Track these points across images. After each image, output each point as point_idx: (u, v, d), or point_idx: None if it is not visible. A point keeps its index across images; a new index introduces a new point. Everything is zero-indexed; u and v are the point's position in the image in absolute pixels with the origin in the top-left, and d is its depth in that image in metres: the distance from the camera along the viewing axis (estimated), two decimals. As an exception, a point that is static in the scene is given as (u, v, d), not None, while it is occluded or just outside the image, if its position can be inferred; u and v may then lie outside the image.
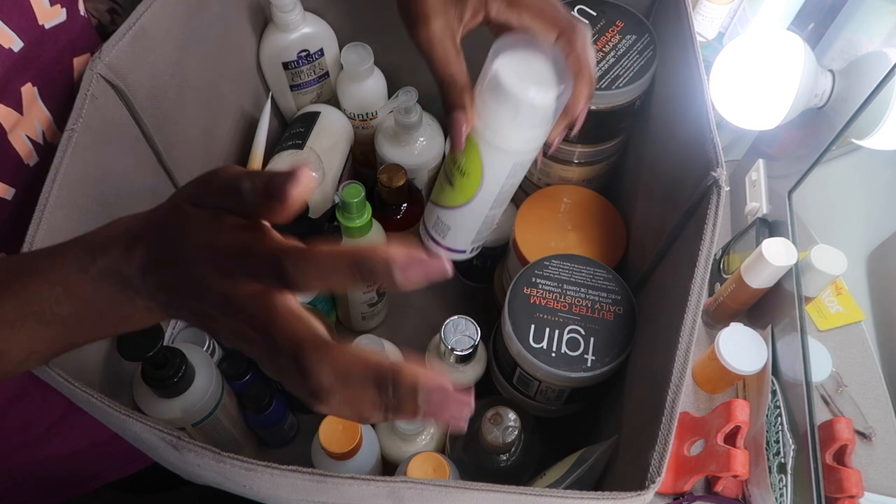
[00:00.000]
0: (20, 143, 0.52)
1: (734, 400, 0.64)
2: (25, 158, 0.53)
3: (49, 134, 0.54)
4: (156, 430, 0.40)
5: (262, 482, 0.41)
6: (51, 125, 0.54)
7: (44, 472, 0.68)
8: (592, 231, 0.73)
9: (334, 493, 0.41)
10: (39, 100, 0.53)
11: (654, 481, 0.39)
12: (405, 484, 0.39)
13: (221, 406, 0.62)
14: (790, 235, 0.72)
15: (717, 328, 0.75)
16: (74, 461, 0.70)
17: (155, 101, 0.59)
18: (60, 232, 0.47)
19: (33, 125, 0.53)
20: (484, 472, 0.61)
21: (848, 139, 0.68)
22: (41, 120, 0.53)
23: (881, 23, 0.65)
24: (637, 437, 0.48)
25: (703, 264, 0.46)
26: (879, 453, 0.65)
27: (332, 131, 0.78)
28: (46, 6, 0.50)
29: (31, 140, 0.53)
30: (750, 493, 0.66)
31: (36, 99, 0.52)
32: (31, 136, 0.53)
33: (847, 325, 0.72)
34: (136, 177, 0.59)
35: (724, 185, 0.47)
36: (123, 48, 0.53)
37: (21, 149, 0.52)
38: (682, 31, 0.59)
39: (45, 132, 0.54)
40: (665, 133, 0.64)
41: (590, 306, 0.61)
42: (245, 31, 0.74)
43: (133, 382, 0.58)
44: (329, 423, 0.56)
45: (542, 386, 0.61)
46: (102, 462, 0.73)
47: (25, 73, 0.50)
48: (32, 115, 0.52)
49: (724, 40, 0.94)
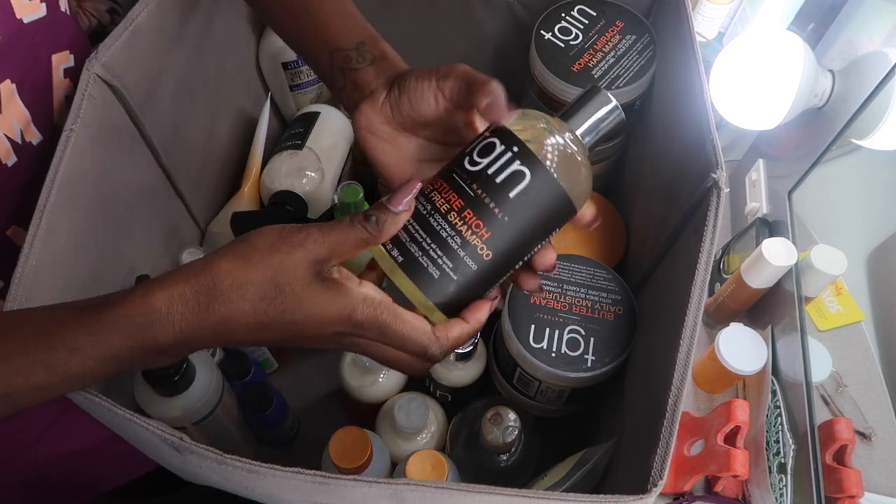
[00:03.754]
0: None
1: (734, 400, 0.64)
2: (3, 158, 0.52)
3: (27, 133, 0.54)
4: (157, 432, 0.40)
5: (265, 484, 0.41)
6: (29, 124, 0.54)
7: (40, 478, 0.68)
8: (592, 231, 0.72)
9: (336, 494, 0.41)
10: (17, 97, 0.52)
11: (656, 484, 0.39)
12: (407, 486, 0.39)
13: (222, 405, 0.62)
14: (790, 235, 0.72)
15: (717, 328, 0.75)
16: (70, 465, 0.69)
17: (153, 101, 0.58)
18: (60, 232, 0.47)
19: (11, 123, 0.52)
20: (484, 471, 0.61)
21: (848, 139, 0.68)
22: (19, 118, 0.52)
23: (881, 23, 0.65)
24: (638, 438, 0.48)
25: (704, 265, 0.46)
26: (879, 453, 0.65)
27: (331, 131, 0.78)
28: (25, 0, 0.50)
29: (9, 139, 0.52)
30: (750, 493, 0.66)
31: (14, 96, 0.51)
32: (9, 134, 0.52)
33: (847, 325, 0.72)
34: (135, 177, 0.59)
35: (724, 186, 0.47)
36: (120, 48, 0.53)
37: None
38: (682, 31, 0.59)
39: (23, 131, 0.53)
40: (665, 133, 0.64)
41: (590, 306, 0.61)
42: (244, 31, 0.74)
43: (134, 381, 0.58)
44: (338, 438, 0.56)
45: (543, 386, 0.61)
46: (98, 468, 0.72)
47: (2, 69, 0.49)
48: (10, 113, 0.51)
49: (724, 40, 0.94)
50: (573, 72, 0.65)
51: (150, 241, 0.63)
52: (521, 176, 0.39)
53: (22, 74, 0.51)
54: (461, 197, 0.39)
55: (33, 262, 0.44)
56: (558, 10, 0.69)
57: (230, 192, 0.77)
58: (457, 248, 0.39)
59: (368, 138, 0.47)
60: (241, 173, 0.77)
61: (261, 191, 0.75)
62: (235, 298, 0.35)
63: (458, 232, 0.38)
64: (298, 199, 0.70)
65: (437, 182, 0.40)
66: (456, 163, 0.41)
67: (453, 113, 0.44)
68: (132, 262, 0.59)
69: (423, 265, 0.38)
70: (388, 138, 0.46)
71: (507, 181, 0.39)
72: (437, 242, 0.38)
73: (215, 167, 0.74)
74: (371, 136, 0.46)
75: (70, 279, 0.49)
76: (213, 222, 0.75)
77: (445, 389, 0.68)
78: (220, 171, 0.75)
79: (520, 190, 0.39)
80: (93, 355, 0.35)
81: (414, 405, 0.62)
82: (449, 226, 0.38)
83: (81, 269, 0.50)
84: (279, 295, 0.36)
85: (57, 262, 0.47)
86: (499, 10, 0.74)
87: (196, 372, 0.58)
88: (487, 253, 0.39)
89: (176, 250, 0.67)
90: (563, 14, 0.69)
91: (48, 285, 0.45)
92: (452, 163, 0.41)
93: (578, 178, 0.40)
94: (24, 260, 0.44)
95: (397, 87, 0.45)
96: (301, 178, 0.73)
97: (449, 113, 0.44)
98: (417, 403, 0.62)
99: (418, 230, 0.39)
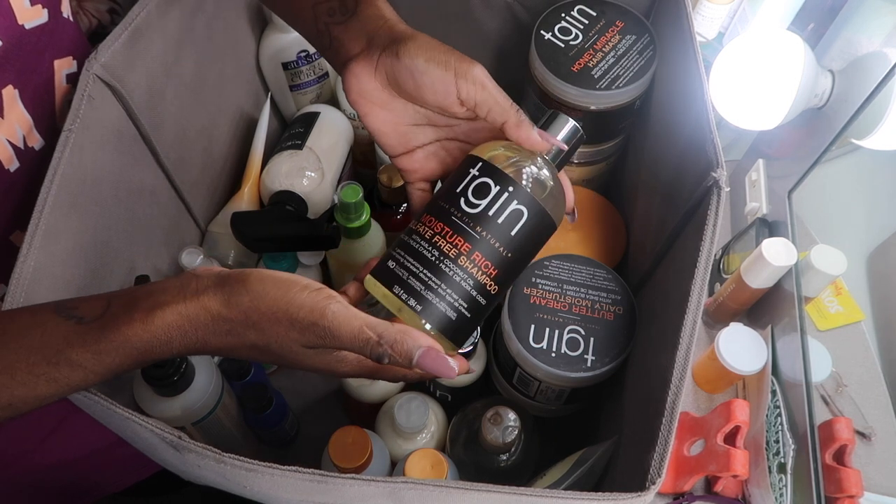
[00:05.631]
0: (1, 148, 0.51)
1: (734, 400, 0.64)
2: (6, 163, 0.52)
3: (30, 138, 0.54)
4: (156, 431, 0.40)
5: (263, 482, 0.41)
6: (31, 129, 0.54)
7: (43, 482, 0.68)
8: (592, 231, 0.72)
9: (335, 493, 0.41)
10: (20, 103, 0.52)
11: (654, 482, 0.39)
12: (406, 484, 0.39)
13: (221, 405, 0.62)
14: (790, 235, 0.72)
15: (717, 328, 0.75)
16: (74, 469, 0.69)
17: (152, 102, 0.58)
18: (59, 232, 0.47)
19: (13, 129, 0.52)
20: (484, 471, 0.61)
21: (848, 139, 0.67)
22: (21, 123, 0.53)
23: (881, 23, 0.65)
24: (637, 437, 0.48)
25: (704, 264, 0.46)
26: (879, 453, 0.65)
27: (331, 131, 0.78)
28: (26, 6, 0.50)
29: (12, 144, 0.52)
30: (750, 493, 0.66)
31: (16, 101, 0.51)
32: (12, 139, 0.52)
33: (847, 325, 0.72)
34: (135, 177, 0.59)
35: (725, 185, 0.47)
36: (120, 49, 0.53)
37: (2, 153, 0.51)
38: (682, 31, 0.59)
39: (25, 136, 0.53)
40: (665, 133, 0.64)
41: (590, 306, 0.61)
42: (244, 31, 0.74)
43: (133, 381, 0.58)
44: (338, 438, 0.56)
45: (542, 386, 0.61)
46: (102, 471, 0.72)
47: (5, 75, 0.50)
48: (13, 119, 0.51)
49: (724, 40, 0.94)
50: (573, 72, 0.65)
51: (150, 241, 0.63)
52: (521, 214, 0.42)
53: (24, 80, 0.52)
54: (468, 241, 0.41)
55: (32, 263, 0.44)
56: (558, 10, 0.69)
57: (230, 192, 0.77)
58: (469, 288, 0.41)
59: (361, 103, 0.46)
60: (241, 173, 0.77)
61: (261, 191, 0.75)
62: (231, 339, 0.38)
63: (471, 275, 0.41)
64: (298, 199, 0.70)
65: (436, 225, 0.42)
66: (450, 203, 0.42)
67: (459, 106, 0.44)
68: (132, 262, 0.59)
69: (436, 306, 0.40)
70: (382, 103, 0.46)
71: (507, 221, 0.42)
72: (450, 286, 0.40)
73: (215, 167, 0.74)
74: (363, 100, 0.46)
75: (69, 279, 0.49)
76: (213, 222, 0.75)
77: (445, 389, 0.68)
78: (220, 171, 0.75)
79: (520, 227, 0.42)
80: (95, 370, 0.37)
81: (414, 405, 0.62)
82: (462, 270, 0.41)
83: (81, 270, 0.50)
84: (271, 353, 0.39)
85: (56, 262, 0.47)
86: (499, 10, 0.74)
87: (195, 372, 0.58)
88: (494, 287, 0.42)
89: (176, 250, 0.67)
90: (563, 14, 0.69)
91: (47, 286, 0.45)
92: (445, 202, 0.43)
93: (555, 200, 0.44)
94: (23, 260, 0.44)
95: (395, 53, 0.43)
96: (301, 178, 0.73)
97: (454, 106, 0.44)
98: (417, 403, 0.62)
99: (432, 278, 0.40)
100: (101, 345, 0.36)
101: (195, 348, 0.38)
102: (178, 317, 0.37)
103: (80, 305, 0.38)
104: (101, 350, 0.36)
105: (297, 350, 0.39)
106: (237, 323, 0.37)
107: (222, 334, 0.38)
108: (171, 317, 0.37)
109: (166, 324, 0.37)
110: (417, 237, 0.42)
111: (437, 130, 0.49)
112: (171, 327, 0.37)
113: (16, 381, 0.36)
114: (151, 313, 0.37)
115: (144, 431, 0.40)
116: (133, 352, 0.37)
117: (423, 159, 0.49)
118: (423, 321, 0.40)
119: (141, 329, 0.36)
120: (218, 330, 0.37)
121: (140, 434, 0.42)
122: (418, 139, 0.49)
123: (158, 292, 0.38)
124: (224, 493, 0.49)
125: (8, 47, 0.49)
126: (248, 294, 0.37)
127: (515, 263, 0.43)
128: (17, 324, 0.37)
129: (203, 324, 0.37)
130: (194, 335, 0.37)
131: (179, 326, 0.37)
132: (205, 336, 0.37)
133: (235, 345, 0.38)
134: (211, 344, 0.38)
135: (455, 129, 0.48)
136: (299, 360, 0.40)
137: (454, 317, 0.41)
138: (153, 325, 0.37)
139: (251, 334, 0.38)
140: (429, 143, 0.49)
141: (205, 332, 0.37)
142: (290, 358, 0.39)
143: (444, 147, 0.49)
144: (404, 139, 0.48)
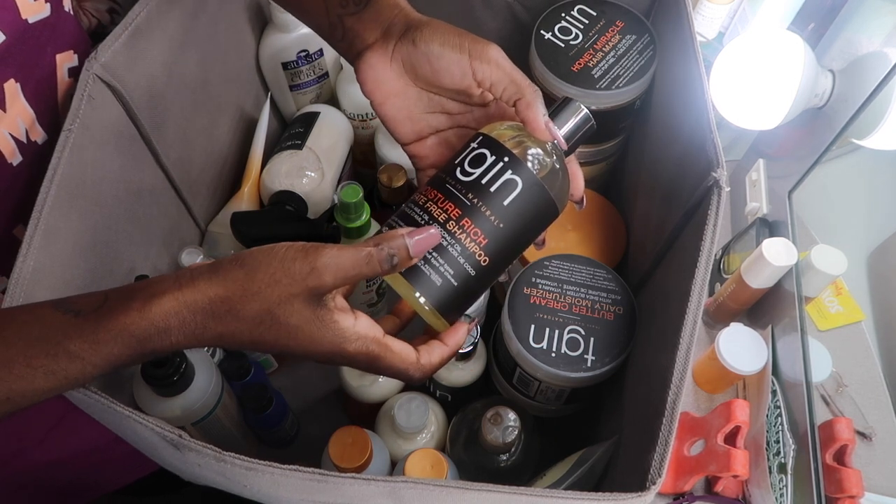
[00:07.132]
0: (3, 142, 0.51)
1: (734, 400, 0.64)
2: (9, 157, 0.52)
3: (32, 132, 0.54)
4: (156, 429, 0.40)
5: (263, 482, 0.41)
6: (34, 123, 0.54)
7: (42, 480, 0.68)
8: (592, 231, 0.72)
9: (335, 492, 0.41)
10: (22, 96, 0.52)
11: (654, 482, 0.39)
12: (405, 484, 0.39)
13: (221, 405, 0.62)
14: (790, 235, 0.72)
15: (717, 328, 0.75)
16: (72, 468, 0.69)
17: (152, 102, 0.58)
18: (59, 232, 0.47)
19: (16, 123, 0.52)
20: (484, 471, 0.61)
21: (848, 139, 0.67)
22: (24, 117, 0.53)
23: (881, 23, 0.65)
24: (637, 437, 0.48)
25: (704, 264, 0.46)
26: (879, 453, 0.65)
27: (331, 131, 0.78)
28: (30, 0, 0.50)
29: (14, 138, 0.52)
30: (750, 493, 0.66)
31: (18, 95, 0.52)
32: (14, 134, 0.52)
33: (847, 325, 0.72)
34: (134, 177, 0.59)
35: (725, 185, 0.47)
36: (119, 49, 0.53)
37: (4, 147, 0.51)
38: (682, 31, 0.59)
39: (28, 130, 0.53)
40: (665, 133, 0.64)
41: (590, 306, 0.61)
42: (244, 31, 0.74)
43: (133, 381, 0.58)
44: (338, 438, 0.56)
45: (542, 386, 0.61)
46: (101, 469, 0.72)
47: (7, 69, 0.50)
48: (15, 113, 0.52)
49: (724, 40, 0.94)
50: (573, 72, 0.65)
51: (149, 241, 0.63)
52: (514, 184, 0.41)
53: (26, 74, 0.52)
54: (458, 206, 0.41)
55: (31, 262, 0.44)
56: (558, 9, 0.69)
57: (230, 192, 0.77)
58: (457, 255, 0.40)
59: (377, 92, 0.46)
60: (241, 173, 0.77)
61: (261, 191, 0.75)
62: (231, 321, 0.37)
63: (458, 240, 0.40)
64: (298, 199, 0.70)
65: (430, 192, 0.42)
66: (447, 172, 0.42)
67: (476, 88, 0.45)
68: (132, 262, 0.59)
69: (425, 273, 0.40)
70: (397, 92, 0.46)
71: (500, 190, 0.41)
72: (438, 251, 0.40)
73: (215, 167, 0.74)
74: (379, 90, 0.46)
75: (69, 279, 0.49)
76: (213, 222, 0.75)
77: (445, 389, 0.68)
78: (220, 171, 0.75)
79: (513, 197, 0.41)
80: (92, 362, 0.36)
81: (414, 405, 0.62)
82: (449, 234, 0.40)
83: (80, 269, 0.50)
84: (274, 324, 0.37)
85: (56, 261, 0.47)
86: (499, 10, 0.74)
87: (195, 372, 0.58)
88: (485, 259, 0.41)
89: (176, 250, 0.67)
90: (563, 14, 0.69)
91: (47, 286, 0.45)
92: (443, 172, 0.43)
93: (560, 184, 0.43)
94: (23, 260, 0.44)
95: (412, 41, 0.44)
96: (301, 178, 0.73)
97: (472, 88, 0.44)
98: (417, 403, 0.62)
99: None
100: (99, 334, 0.36)
101: (194, 337, 0.37)
102: (175, 303, 0.36)
103: (78, 300, 0.38)
104: (98, 339, 0.36)
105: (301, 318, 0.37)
106: (236, 299, 0.37)
107: (221, 315, 0.37)
108: (169, 303, 0.36)
109: (164, 311, 0.36)
110: (412, 204, 0.42)
111: (450, 118, 0.49)
112: (168, 314, 0.36)
113: (13, 374, 0.35)
114: (149, 301, 0.36)
115: (144, 430, 0.40)
116: (131, 340, 0.36)
117: (434, 146, 0.49)
118: (414, 290, 0.40)
119: (138, 317, 0.36)
120: (217, 311, 0.37)
121: (140, 433, 0.42)
122: (431, 126, 0.49)
123: (155, 283, 0.38)
124: (224, 493, 0.49)
125: (11, 41, 0.49)
126: (241, 268, 0.37)
127: (509, 237, 0.42)
128: (15, 319, 0.37)
129: (201, 307, 0.37)
130: (192, 321, 0.37)
131: (177, 313, 0.37)
132: (204, 320, 0.37)
133: (236, 329, 0.38)
134: (210, 329, 0.37)
135: (467, 117, 0.49)
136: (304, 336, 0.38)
137: (439, 282, 0.40)
138: (151, 312, 0.36)
139: (252, 306, 0.37)
140: (441, 131, 0.49)
141: (203, 317, 0.37)
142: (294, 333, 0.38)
143: (456, 134, 0.50)
144: (417, 127, 0.48)
